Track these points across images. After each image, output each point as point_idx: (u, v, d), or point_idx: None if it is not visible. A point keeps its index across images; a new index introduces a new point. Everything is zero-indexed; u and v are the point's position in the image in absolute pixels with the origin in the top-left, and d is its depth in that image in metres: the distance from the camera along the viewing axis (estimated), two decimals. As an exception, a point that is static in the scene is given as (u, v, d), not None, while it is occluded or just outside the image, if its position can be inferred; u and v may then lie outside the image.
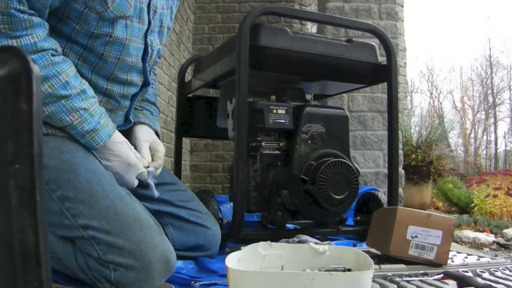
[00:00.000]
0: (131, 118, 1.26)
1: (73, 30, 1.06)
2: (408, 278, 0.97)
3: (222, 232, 1.35)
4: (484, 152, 13.20)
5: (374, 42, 1.74)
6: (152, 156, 1.23)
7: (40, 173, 0.36)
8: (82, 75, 1.09)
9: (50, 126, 1.05)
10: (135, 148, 1.19)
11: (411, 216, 1.06)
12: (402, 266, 1.03)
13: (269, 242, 0.84)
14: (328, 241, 1.48)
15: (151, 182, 1.18)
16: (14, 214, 0.36)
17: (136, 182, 1.15)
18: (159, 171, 1.22)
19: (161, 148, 1.27)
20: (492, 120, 13.36)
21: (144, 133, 1.26)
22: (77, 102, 1.03)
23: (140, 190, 1.25)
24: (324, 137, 1.57)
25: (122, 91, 1.17)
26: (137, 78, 1.19)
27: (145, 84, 1.23)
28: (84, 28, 1.05)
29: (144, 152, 1.20)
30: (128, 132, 1.25)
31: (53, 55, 1.01)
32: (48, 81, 0.99)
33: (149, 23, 1.16)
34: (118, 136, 1.12)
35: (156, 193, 1.19)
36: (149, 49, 1.18)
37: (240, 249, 0.82)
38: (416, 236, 1.04)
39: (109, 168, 1.09)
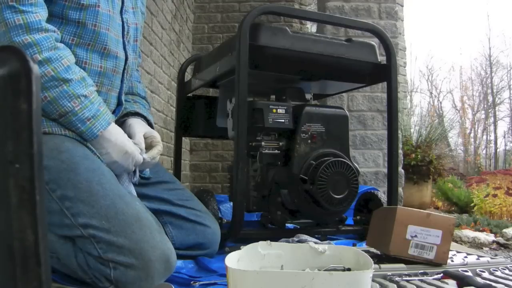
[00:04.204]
0: (122, 99, 1.28)
1: (64, 7, 1.09)
2: (407, 278, 0.97)
3: (221, 231, 1.36)
4: (484, 151, 13.20)
5: (374, 41, 1.74)
6: (151, 142, 1.25)
7: (40, 173, 0.37)
8: (78, 58, 1.11)
9: (47, 122, 1.06)
10: (130, 137, 1.21)
11: (410, 215, 1.06)
12: (402, 265, 1.03)
13: (268, 241, 0.84)
14: (327, 241, 1.48)
15: (137, 170, 1.22)
16: (14, 213, 0.36)
17: (133, 168, 1.17)
18: (157, 157, 1.25)
19: (156, 134, 1.29)
20: (492, 119, 13.36)
21: (137, 123, 1.28)
22: (78, 89, 1.05)
23: (139, 189, 1.25)
24: (324, 136, 1.57)
25: (114, 66, 1.20)
26: (121, 52, 1.23)
27: (127, 58, 1.26)
28: (73, 2, 1.09)
29: (137, 138, 1.22)
30: (122, 125, 1.27)
31: (56, 39, 1.04)
32: (51, 64, 1.02)
33: (123, 2, 1.23)
34: (114, 126, 1.13)
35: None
36: (125, 25, 1.24)
37: (239, 248, 0.82)
38: (415, 236, 1.04)
39: (107, 157, 1.11)
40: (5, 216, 0.36)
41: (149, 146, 1.24)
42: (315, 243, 0.92)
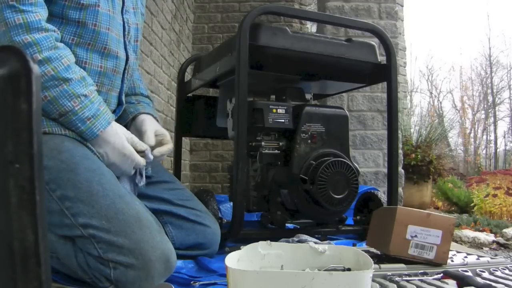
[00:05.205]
0: (123, 99, 1.28)
1: (63, 7, 1.09)
2: (407, 278, 0.97)
3: (221, 231, 1.35)
4: (484, 151, 13.20)
5: (374, 41, 1.74)
6: (161, 140, 1.26)
7: (40, 173, 0.36)
8: (78, 58, 1.11)
9: (47, 122, 1.06)
10: (141, 132, 1.23)
11: (410, 215, 1.06)
12: (402, 265, 1.03)
13: (268, 241, 0.84)
14: (327, 241, 1.48)
15: (143, 172, 1.23)
16: (14, 213, 0.36)
17: (132, 171, 1.17)
18: (165, 154, 1.26)
19: (166, 133, 1.30)
20: (491, 119, 13.36)
21: (150, 119, 1.30)
22: (78, 88, 1.05)
23: (139, 188, 1.25)
24: (324, 136, 1.57)
25: (115, 66, 1.20)
26: (122, 52, 1.23)
27: (128, 59, 1.26)
28: (73, 2, 1.09)
29: (148, 134, 1.23)
30: (134, 120, 1.30)
31: (56, 39, 1.04)
32: (51, 64, 1.01)
33: (123, 2, 1.23)
34: (114, 127, 1.13)
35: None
36: (126, 25, 1.24)
37: (239, 248, 0.82)
38: (415, 236, 1.04)
39: (106, 159, 1.11)
40: (5, 216, 0.36)
41: (159, 144, 1.25)
42: (315, 243, 0.92)
